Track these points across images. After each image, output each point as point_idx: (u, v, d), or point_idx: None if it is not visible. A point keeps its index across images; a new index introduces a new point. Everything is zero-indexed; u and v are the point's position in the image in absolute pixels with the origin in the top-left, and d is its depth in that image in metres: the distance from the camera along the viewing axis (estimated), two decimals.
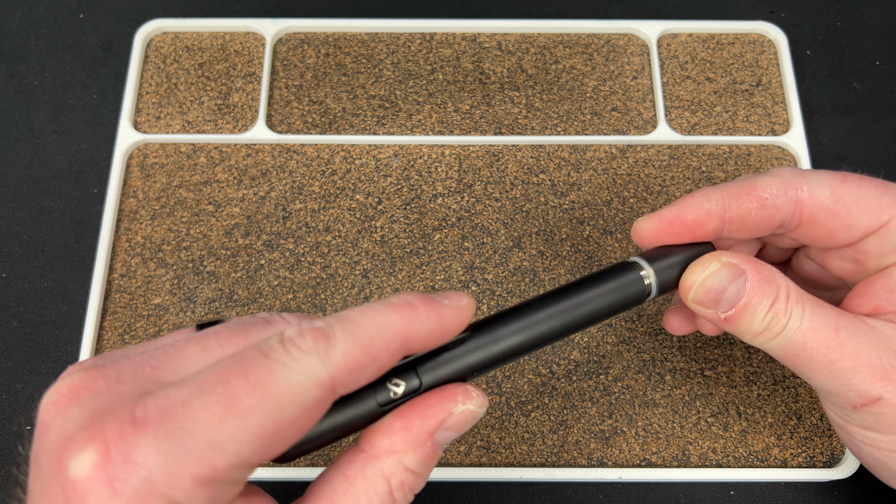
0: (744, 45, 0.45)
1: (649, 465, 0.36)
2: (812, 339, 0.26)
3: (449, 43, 0.46)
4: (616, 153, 0.42)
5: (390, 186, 0.42)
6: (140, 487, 0.18)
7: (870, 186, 0.28)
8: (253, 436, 0.19)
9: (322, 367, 0.21)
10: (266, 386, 0.20)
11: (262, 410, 0.20)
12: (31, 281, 0.40)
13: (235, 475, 0.20)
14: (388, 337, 0.22)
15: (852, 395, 0.27)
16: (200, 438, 0.19)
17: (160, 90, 0.44)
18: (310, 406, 0.21)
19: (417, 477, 0.23)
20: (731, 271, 0.27)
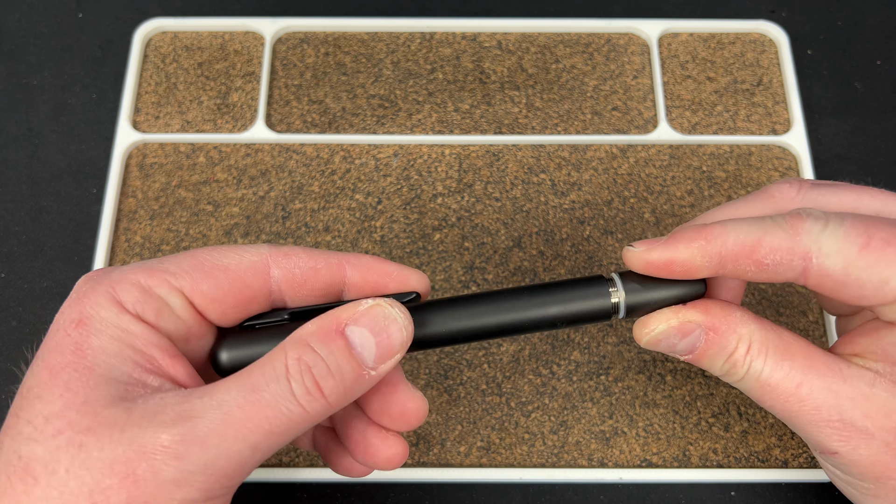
0: (745, 45, 0.45)
1: (650, 465, 0.35)
2: (769, 392, 0.26)
3: (449, 42, 0.45)
4: (616, 153, 0.42)
5: (390, 186, 0.41)
6: (101, 278, 0.25)
7: (893, 256, 0.24)
8: (193, 265, 0.26)
9: (265, 248, 0.27)
10: (219, 248, 0.26)
11: (209, 256, 0.26)
12: (31, 281, 0.40)
13: (165, 289, 0.25)
14: (330, 253, 0.27)
15: (813, 444, 0.27)
16: (157, 263, 0.26)
17: (159, 90, 0.44)
18: (246, 266, 0.26)
19: (318, 358, 0.23)
20: (680, 331, 0.26)
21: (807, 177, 0.41)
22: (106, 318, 0.23)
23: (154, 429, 0.22)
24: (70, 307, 0.24)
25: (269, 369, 0.23)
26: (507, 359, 0.37)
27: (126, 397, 0.23)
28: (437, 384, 0.37)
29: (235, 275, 0.25)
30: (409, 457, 0.36)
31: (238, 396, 0.22)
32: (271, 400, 0.23)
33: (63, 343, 0.23)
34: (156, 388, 0.23)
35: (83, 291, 0.25)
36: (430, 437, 0.36)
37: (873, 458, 0.25)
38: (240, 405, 0.22)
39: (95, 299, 0.24)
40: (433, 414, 0.36)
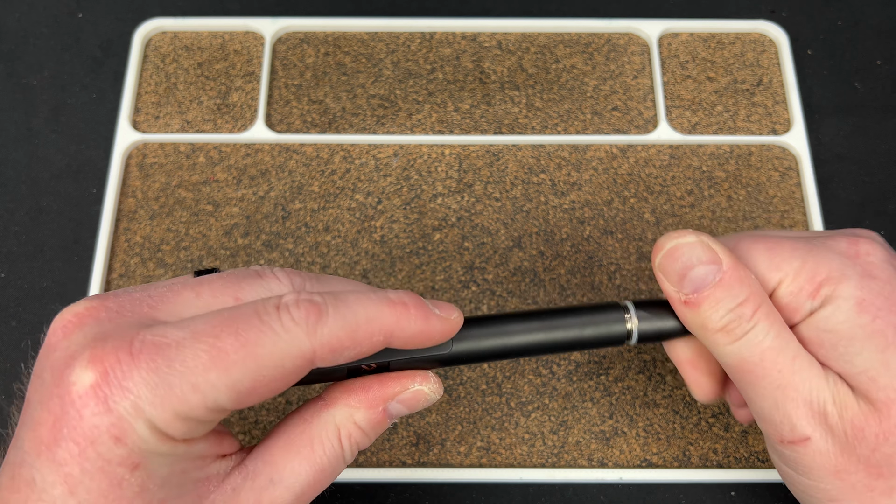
0: (745, 45, 0.45)
1: (650, 465, 0.35)
2: (769, 359, 0.26)
3: (449, 42, 0.45)
4: (616, 153, 0.42)
5: (390, 186, 0.41)
6: (129, 409, 0.21)
7: (761, 250, 0.27)
8: (231, 388, 0.22)
9: (307, 342, 0.23)
10: (252, 347, 0.22)
11: (244, 367, 0.22)
12: (30, 281, 0.40)
13: (210, 416, 0.22)
14: (374, 327, 0.24)
15: (785, 429, 0.26)
16: (185, 380, 0.22)
17: (159, 90, 0.44)
18: (287, 372, 0.23)
19: (364, 435, 0.26)
20: (706, 253, 0.26)
21: (807, 177, 0.41)
22: (161, 452, 0.22)
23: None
24: (108, 446, 0.21)
25: (330, 449, 0.26)
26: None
27: (202, 498, 0.24)
28: None
29: (276, 384, 0.23)
30: (409, 457, 0.36)
31: (308, 477, 0.25)
32: (331, 474, 0.26)
33: (122, 487, 0.22)
34: (220, 475, 0.25)
35: (115, 425, 0.22)
36: (430, 437, 0.36)
37: (836, 449, 0.26)
38: (310, 484, 0.25)
39: (140, 439, 0.22)
40: (433, 414, 0.36)
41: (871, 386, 0.25)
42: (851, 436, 0.26)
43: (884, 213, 0.41)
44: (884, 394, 0.25)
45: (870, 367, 0.26)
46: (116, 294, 0.24)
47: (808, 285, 0.26)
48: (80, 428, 0.21)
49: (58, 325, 0.23)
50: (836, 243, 0.27)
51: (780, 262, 0.27)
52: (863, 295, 0.26)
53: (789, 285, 0.26)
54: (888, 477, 0.25)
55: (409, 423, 0.36)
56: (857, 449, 0.25)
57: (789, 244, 0.27)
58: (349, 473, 0.35)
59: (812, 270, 0.26)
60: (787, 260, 0.27)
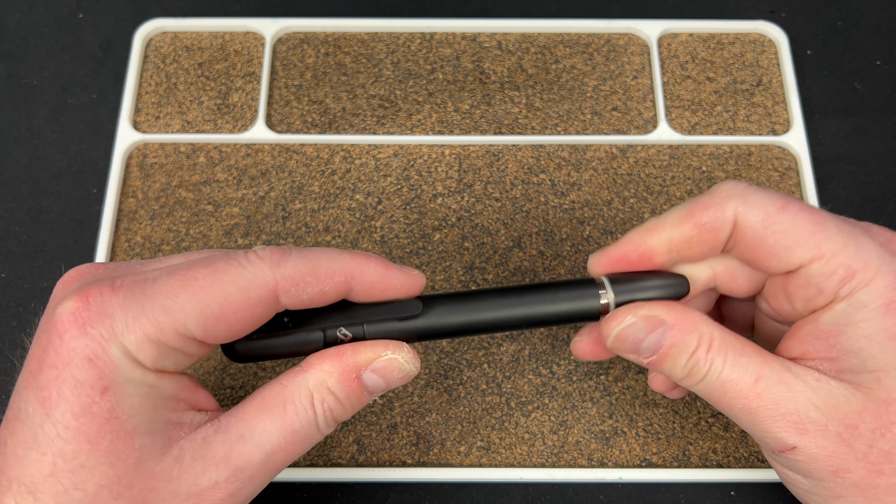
0: (744, 45, 0.45)
1: (650, 465, 0.36)
2: (731, 388, 0.27)
3: (449, 42, 0.45)
4: (616, 153, 0.42)
5: (390, 186, 0.41)
6: (104, 332, 0.23)
7: (805, 220, 0.26)
8: (199, 310, 0.24)
9: (270, 273, 0.25)
10: (220, 274, 0.25)
11: (211, 291, 0.24)
12: (31, 281, 0.40)
13: (179, 342, 0.24)
14: (335, 267, 0.26)
15: (771, 442, 0.27)
16: (157, 303, 0.24)
17: (159, 90, 0.44)
18: (253, 302, 0.25)
19: (338, 402, 0.27)
20: (648, 324, 0.27)
21: (807, 177, 0.41)
22: (131, 379, 0.24)
23: (208, 473, 0.25)
24: (82, 367, 0.23)
25: (302, 411, 0.26)
26: (507, 359, 0.37)
27: (171, 443, 0.25)
28: (437, 384, 0.37)
29: (243, 315, 0.25)
30: (409, 457, 0.36)
31: (279, 437, 0.26)
32: (304, 439, 0.27)
33: (93, 411, 0.23)
34: (193, 424, 0.26)
35: (88, 346, 0.23)
36: (430, 436, 0.36)
37: (829, 450, 0.26)
38: (280, 446, 0.26)
39: (112, 362, 0.23)
40: (433, 414, 0.36)
41: (875, 385, 0.26)
42: (846, 435, 0.26)
43: (884, 213, 0.41)
44: (885, 393, 0.25)
45: (880, 368, 0.26)
46: (117, 262, 0.28)
47: (842, 271, 0.26)
48: (60, 352, 0.23)
49: (60, 282, 0.26)
50: (876, 233, 0.27)
51: (822, 240, 0.26)
52: (893, 296, 0.26)
53: (823, 266, 0.26)
54: (889, 474, 0.25)
55: (409, 423, 0.36)
56: (853, 447, 0.26)
57: (834, 223, 0.27)
58: (349, 473, 0.35)
59: (851, 257, 0.26)
60: (830, 239, 0.26)
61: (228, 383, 0.37)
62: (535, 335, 0.38)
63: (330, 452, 0.36)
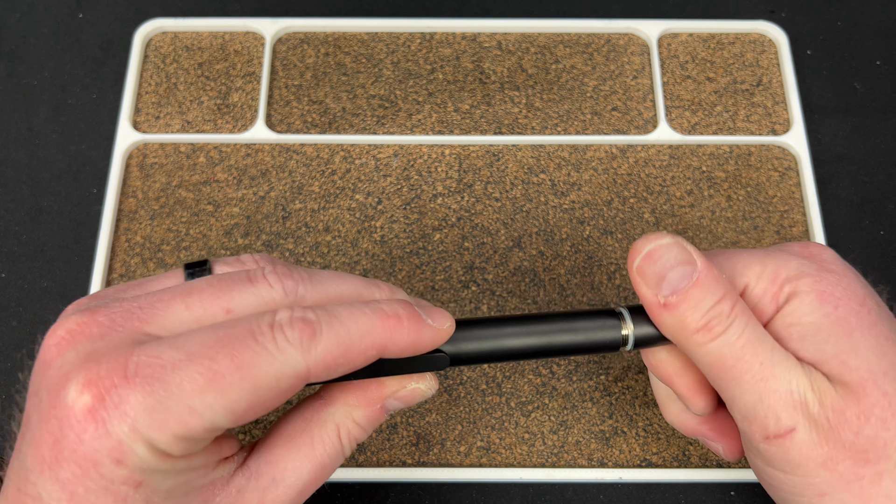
0: (744, 45, 0.45)
1: (650, 465, 0.36)
2: (749, 353, 0.26)
3: (449, 42, 0.45)
4: (616, 153, 0.42)
5: (390, 186, 0.41)
6: (128, 432, 0.22)
7: (722, 265, 0.28)
8: (227, 409, 0.22)
9: (301, 361, 0.23)
10: (248, 369, 0.22)
11: (240, 389, 0.22)
12: (31, 281, 0.40)
13: (208, 435, 0.23)
14: (367, 343, 0.24)
15: (770, 422, 0.26)
16: (182, 403, 0.22)
17: (159, 90, 0.44)
18: (283, 391, 0.23)
19: (362, 430, 0.27)
20: (682, 254, 0.27)
21: (807, 177, 0.41)
22: (162, 469, 0.23)
23: None
24: (110, 468, 0.22)
25: (330, 446, 0.26)
26: None
27: (208, 502, 0.25)
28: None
29: (272, 403, 0.24)
30: (409, 457, 0.36)
31: (309, 475, 0.26)
32: (331, 468, 0.27)
33: (128, 500, 0.22)
34: (224, 478, 0.25)
35: (115, 448, 0.22)
36: (430, 437, 0.36)
37: (822, 437, 0.26)
38: (310, 481, 0.26)
39: (141, 459, 0.22)
40: (433, 414, 0.36)
41: (844, 369, 0.26)
42: (834, 421, 0.26)
43: (883, 213, 0.41)
44: (857, 374, 0.26)
45: (839, 351, 0.26)
46: (107, 304, 0.24)
47: (771, 286, 0.27)
48: (81, 451, 0.22)
49: (50, 342, 0.24)
50: (790, 248, 0.29)
51: (742, 269, 0.28)
52: (822, 287, 0.27)
53: (754, 289, 0.27)
54: (874, 462, 0.25)
55: (409, 423, 0.36)
56: (841, 434, 0.26)
57: (746, 253, 0.28)
58: (349, 473, 0.35)
59: (773, 272, 0.27)
60: (748, 266, 0.28)
61: None
62: None
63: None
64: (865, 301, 0.27)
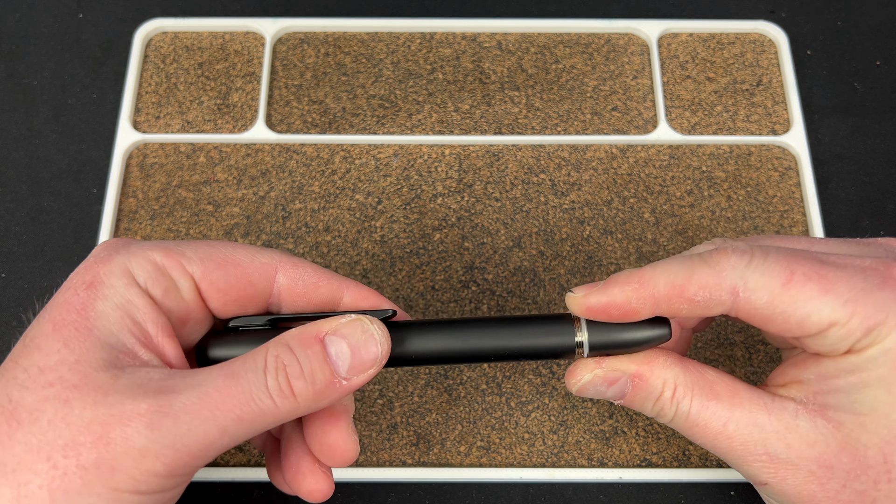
0: (744, 45, 0.45)
1: (650, 465, 0.36)
2: (699, 431, 0.27)
3: (449, 42, 0.45)
4: (616, 153, 0.42)
5: (390, 186, 0.41)
6: (113, 252, 0.27)
7: (813, 290, 0.25)
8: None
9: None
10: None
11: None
12: (31, 281, 0.40)
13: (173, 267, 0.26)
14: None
15: (744, 474, 0.28)
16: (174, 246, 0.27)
17: (159, 90, 0.44)
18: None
19: (294, 360, 0.25)
20: (608, 378, 0.28)
21: (807, 177, 0.41)
22: (115, 285, 0.25)
23: (134, 398, 0.23)
24: (85, 269, 0.26)
25: (250, 361, 0.25)
26: None
27: (116, 364, 0.24)
28: (437, 384, 0.37)
29: (244, 271, 0.27)
30: (409, 457, 0.36)
31: (217, 380, 0.24)
32: (246, 388, 0.24)
33: (70, 301, 0.25)
34: (145, 361, 0.25)
35: (101, 257, 0.26)
36: (430, 436, 0.36)
37: (800, 488, 0.26)
38: (217, 388, 0.24)
39: (109, 267, 0.25)
40: (433, 414, 0.36)
41: (858, 429, 0.26)
42: (819, 473, 0.26)
43: (883, 213, 0.41)
44: (867, 437, 0.25)
45: (868, 414, 0.25)
46: None
47: (859, 333, 0.25)
48: (67, 283, 0.27)
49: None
50: (894, 282, 0.26)
51: (836, 308, 0.25)
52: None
53: (840, 330, 0.25)
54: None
55: (409, 423, 0.36)
56: (825, 485, 0.26)
57: (847, 284, 0.25)
58: (349, 473, 0.35)
59: (868, 318, 0.25)
60: (844, 305, 0.25)
61: None
62: None
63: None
64: None
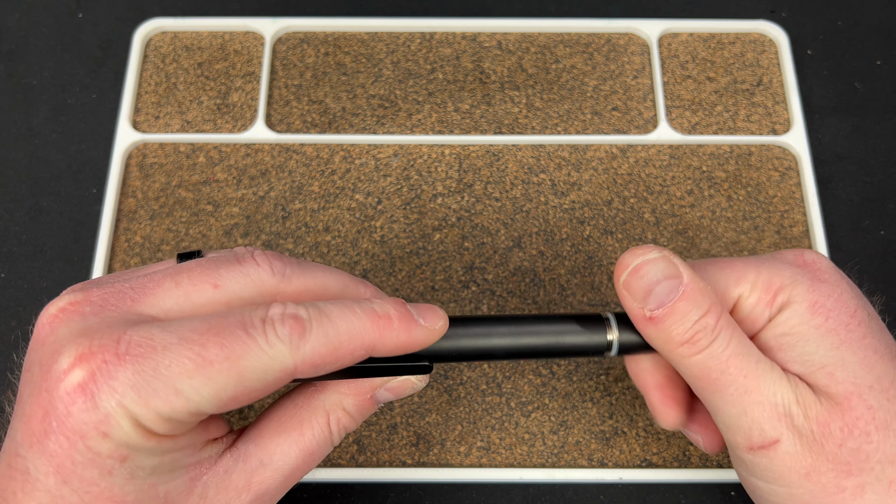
0: (745, 45, 0.45)
1: (650, 465, 0.35)
2: (734, 365, 0.26)
3: (449, 42, 0.45)
4: (616, 153, 0.42)
5: (390, 186, 0.41)
6: (116, 407, 0.22)
7: (716, 274, 0.28)
8: (213, 395, 0.23)
9: (289, 358, 0.23)
10: (236, 359, 0.23)
11: (227, 377, 0.23)
12: (30, 281, 0.40)
13: (192, 419, 0.23)
14: (356, 343, 0.25)
15: (754, 434, 0.26)
16: (169, 384, 0.22)
17: (159, 90, 0.44)
18: (269, 384, 0.24)
19: (351, 419, 0.27)
20: (669, 268, 0.27)
21: (807, 177, 0.41)
22: (148, 447, 0.23)
23: (231, 503, 0.25)
24: (98, 441, 0.22)
25: (319, 433, 0.27)
26: None
27: (194, 482, 0.25)
28: (437, 384, 0.37)
29: (258, 394, 0.24)
30: (409, 457, 0.36)
31: (297, 460, 0.26)
32: (319, 455, 0.27)
33: (114, 476, 0.23)
34: (212, 458, 0.26)
35: (102, 422, 0.22)
36: (430, 437, 0.36)
37: (805, 448, 0.26)
38: (298, 467, 0.26)
39: (126, 434, 0.22)
40: (433, 414, 0.36)
41: (830, 381, 0.26)
42: (818, 433, 0.26)
43: (883, 213, 0.41)
44: (842, 387, 0.26)
45: (827, 362, 0.26)
46: (100, 285, 0.25)
47: (765, 295, 0.27)
48: (69, 423, 0.22)
49: (44, 319, 0.24)
50: (784, 255, 0.29)
51: (737, 279, 0.28)
52: (815, 297, 0.27)
53: (748, 298, 0.28)
54: (857, 474, 0.26)
55: (409, 422, 0.36)
56: (824, 446, 0.26)
57: (740, 262, 0.28)
58: (349, 473, 0.35)
59: (767, 281, 0.28)
60: (743, 275, 0.28)
61: None
62: None
63: (330, 452, 0.36)
64: (857, 313, 0.27)
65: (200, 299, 0.25)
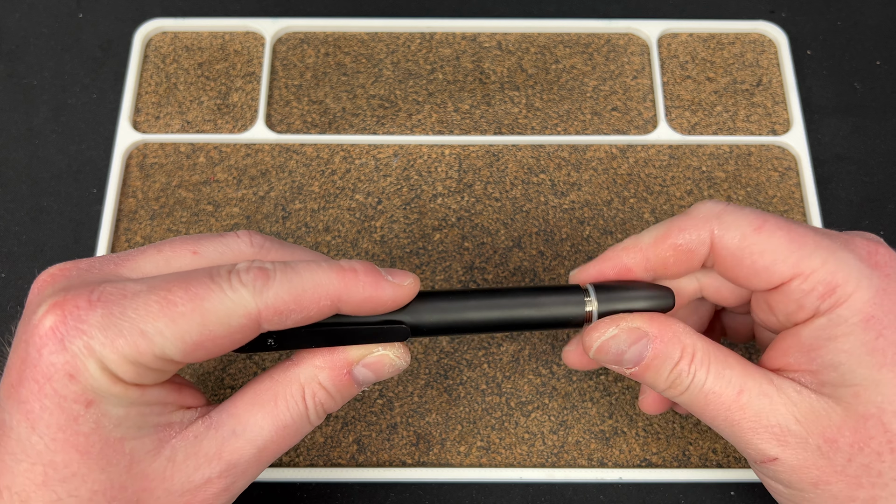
0: (744, 45, 0.45)
1: (650, 465, 0.36)
2: (714, 399, 0.27)
3: (449, 42, 0.45)
4: (616, 153, 0.42)
5: (390, 186, 0.41)
6: (83, 349, 0.23)
7: (782, 239, 0.26)
8: (178, 338, 0.23)
9: (252, 302, 0.24)
10: (199, 301, 0.24)
11: (191, 320, 0.24)
12: (30, 281, 0.40)
13: (159, 365, 0.24)
14: (320, 293, 0.25)
15: (752, 453, 0.27)
16: (134, 326, 0.23)
17: (159, 90, 0.44)
18: (233, 329, 0.24)
19: (329, 396, 0.27)
20: (630, 336, 0.27)
21: (807, 177, 0.41)
22: (113, 393, 0.24)
23: (201, 470, 0.25)
24: (63, 382, 0.23)
25: (294, 406, 0.27)
26: (507, 359, 0.37)
27: (162, 444, 0.25)
28: (437, 384, 0.37)
29: (222, 340, 0.24)
30: (409, 457, 0.36)
31: (270, 432, 0.26)
32: (295, 432, 0.27)
33: (79, 422, 0.23)
34: (183, 423, 0.26)
35: (68, 362, 0.23)
36: (430, 437, 0.36)
37: (810, 462, 0.26)
38: (272, 440, 0.26)
39: (93, 377, 0.23)
40: (433, 414, 0.36)
41: (854, 400, 0.26)
42: (825, 448, 0.26)
43: (883, 213, 0.41)
44: (864, 408, 0.26)
45: (859, 382, 0.26)
46: (90, 258, 0.26)
47: (821, 287, 0.26)
48: (39, 366, 0.23)
49: (34, 285, 0.26)
50: (856, 245, 0.27)
51: (800, 258, 0.26)
52: (873, 311, 0.25)
53: (803, 283, 0.26)
54: (868, 488, 0.26)
55: (409, 423, 0.36)
56: (832, 460, 0.26)
57: (813, 239, 0.26)
58: (349, 473, 0.35)
59: (830, 273, 0.26)
60: (808, 256, 0.26)
61: (228, 383, 0.37)
62: (534, 335, 0.38)
63: (330, 452, 0.36)
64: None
65: (179, 263, 0.26)
